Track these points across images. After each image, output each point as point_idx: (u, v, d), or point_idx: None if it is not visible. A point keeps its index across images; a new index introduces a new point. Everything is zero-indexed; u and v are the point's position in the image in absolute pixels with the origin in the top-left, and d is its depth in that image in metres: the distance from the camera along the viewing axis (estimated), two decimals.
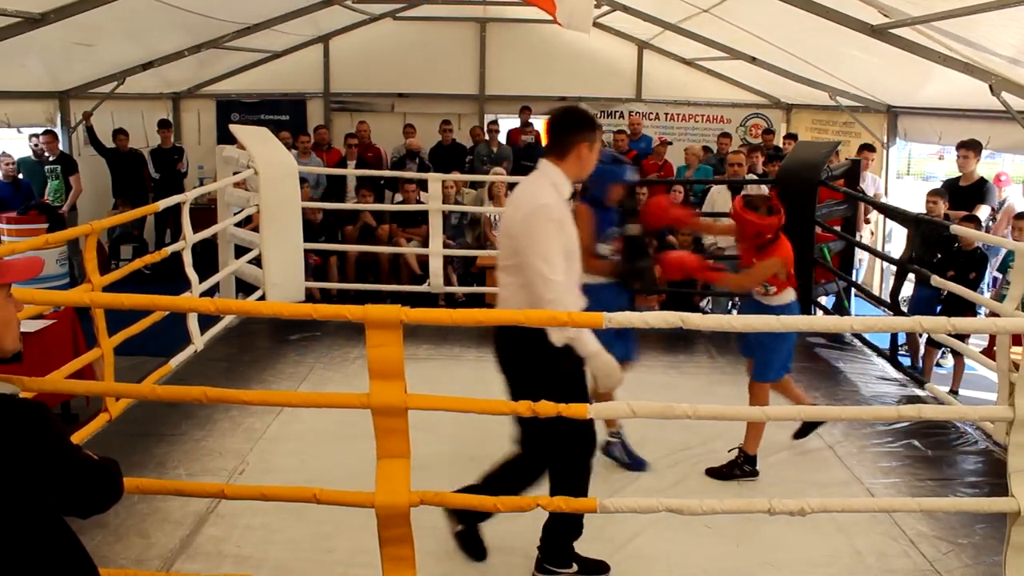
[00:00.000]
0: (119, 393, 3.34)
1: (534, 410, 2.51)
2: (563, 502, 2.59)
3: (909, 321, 2.58)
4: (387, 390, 2.44)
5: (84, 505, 1.73)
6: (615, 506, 2.62)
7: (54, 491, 1.66)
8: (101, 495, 1.74)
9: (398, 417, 2.47)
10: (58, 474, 1.64)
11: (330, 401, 2.81)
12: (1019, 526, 2.55)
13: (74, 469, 1.68)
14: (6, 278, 1.68)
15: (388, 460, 2.50)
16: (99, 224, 4.24)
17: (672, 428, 4.31)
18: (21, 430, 1.59)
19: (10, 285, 1.71)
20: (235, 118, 10.47)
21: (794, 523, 3.36)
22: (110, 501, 1.76)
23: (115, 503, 1.78)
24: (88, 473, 1.71)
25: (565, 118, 2.93)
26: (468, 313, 2.56)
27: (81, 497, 1.71)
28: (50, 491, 1.65)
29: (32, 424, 1.62)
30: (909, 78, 7.32)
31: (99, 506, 1.75)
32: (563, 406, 2.51)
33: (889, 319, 4.71)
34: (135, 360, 5.04)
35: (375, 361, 2.43)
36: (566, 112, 2.96)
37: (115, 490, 1.77)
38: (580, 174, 2.97)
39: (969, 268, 5.73)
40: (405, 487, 2.49)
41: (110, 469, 1.77)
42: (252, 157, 5.94)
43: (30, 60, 7.53)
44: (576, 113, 2.95)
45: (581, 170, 2.95)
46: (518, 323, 2.59)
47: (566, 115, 2.94)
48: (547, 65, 10.69)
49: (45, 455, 1.62)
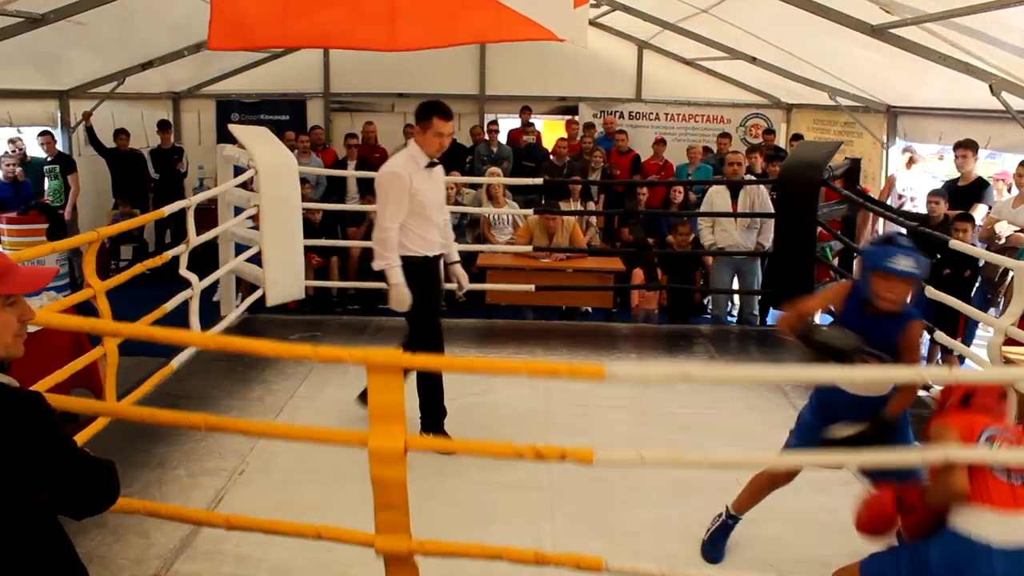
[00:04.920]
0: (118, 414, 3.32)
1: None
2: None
3: (908, 372, 2.56)
4: (387, 433, 2.42)
5: (79, 502, 1.72)
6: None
7: (48, 484, 1.65)
8: (96, 493, 1.73)
9: (396, 464, 2.43)
10: (53, 466, 1.64)
11: (327, 437, 2.78)
12: None
13: (70, 462, 1.67)
14: (7, 288, 1.67)
15: (386, 512, 2.49)
16: (106, 231, 4.27)
17: (672, 428, 4.34)
18: (17, 419, 1.59)
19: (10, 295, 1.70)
20: (235, 118, 10.46)
21: (794, 523, 3.37)
22: (105, 502, 1.75)
23: (110, 505, 1.77)
24: (84, 468, 1.70)
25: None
26: (468, 362, 2.55)
27: (76, 493, 1.70)
28: (44, 484, 1.64)
29: (28, 414, 1.61)
30: (909, 78, 7.32)
31: (94, 506, 1.74)
32: (569, 450, 2.52)
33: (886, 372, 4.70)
34: (136, 360, 5.03)
35: (376, 405, 2.43)
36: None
37: (111, 491, 1.76)
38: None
39: (964, 266, 5.82)
40: (407, 537, 2.50)
41: (107, 468, 1.76)
42: (252, 157, 5.93)
43: (30, 60, 7.53)
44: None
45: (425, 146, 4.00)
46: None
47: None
48: (547, 65, 10.68)
49: (41, 446, 1.61)
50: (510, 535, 3.22)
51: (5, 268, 1.67)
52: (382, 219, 3.95)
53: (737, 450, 4.04)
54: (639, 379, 2.63)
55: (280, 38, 5.07)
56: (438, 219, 4.16)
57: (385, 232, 3.93)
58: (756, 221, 6.79)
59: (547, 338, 5.95)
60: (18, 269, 1.71)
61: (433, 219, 4.09)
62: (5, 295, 1.68)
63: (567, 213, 7.45)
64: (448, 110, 4.04)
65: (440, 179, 4.21)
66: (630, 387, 4.95)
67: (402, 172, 3.95)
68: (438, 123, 3.95)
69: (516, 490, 3.65)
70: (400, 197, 3.93)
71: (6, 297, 1.68)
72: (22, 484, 1.60)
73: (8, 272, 1.67)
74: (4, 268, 1.67)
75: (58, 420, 1.67)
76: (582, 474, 3.74)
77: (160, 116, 10.32)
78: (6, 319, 1.69)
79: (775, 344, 5.84)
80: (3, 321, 1.68)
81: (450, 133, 4.04)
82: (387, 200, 3.95)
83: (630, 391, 4.81)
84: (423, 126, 3.99)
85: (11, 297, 1.69)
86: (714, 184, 7.21)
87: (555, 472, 3.83)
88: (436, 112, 3.96)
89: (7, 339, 1.69)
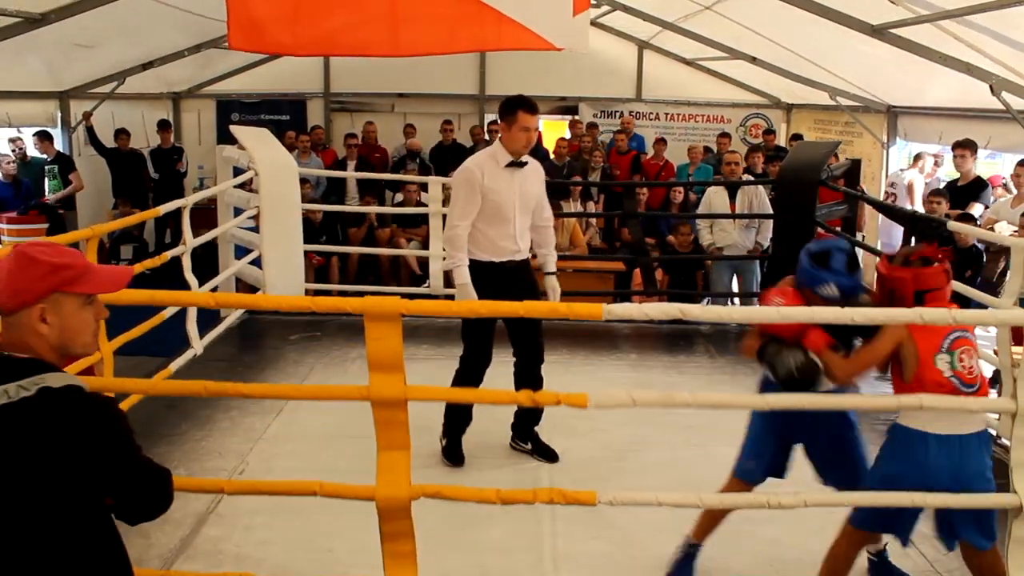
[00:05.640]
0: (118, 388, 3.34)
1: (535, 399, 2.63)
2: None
3: (910, 313, 2.58)
4: (387, 382, 2.44)
5: (138, 509, 1.73)
6: (615, 499, 2.61)
7: (113, 490, 1.66)
8: (155, 500, 1.74)
9: (398, 409, 2.47)
10: (122, 472, 1.65)
11: (330, 394, 2.81)
12: (1020, 521, 2.55)
13: (136, 470, 1.68)
14: (83, 287, 1.68)
15: (388, 452, 2.50)
16: (100, 228, 4.25)
17: (673, 428, 4.33)
18: (89, 423, 1.60)
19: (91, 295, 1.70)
20: (235, 118, 10.46)
21: (794, 523, 3.36)
22: (161, 509, 1.77)
23: (164, 512, 1.78)
24: (148, 476, 1.72)
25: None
26: (465, 304, 2.57)
27: (137, 500, 1.71)
28: (109, 490, 1.65)
29: (101, 418, 1.62)
30: (910, 78, 7.32)
31: (151, 512, 1.75)
32: (563, 395, 2.59)
33: (890, 311, 4.69)
34: (135, 361, 5.03)
35: (375, 354, 2.43)
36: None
37: (167, 497, 1.78)
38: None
39: (965, 266, 5.77)
40: (406, 479, 2.49)
41: (166, 476, 1.77)
42: (252, 158, 5.93)
43: (30, 60, 7.53)
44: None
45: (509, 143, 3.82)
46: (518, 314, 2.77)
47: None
48: (547, 65, 10.66)
49: (112, 452, 1.62)
50: (510, 535, 3.23)
51: (84, 268, 1.68)
52: (451, 217, 3.84)
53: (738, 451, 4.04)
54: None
55: (290, 46, 5.10)
56: (520, 223, 3.88)
57: (452, 230, 3.81)
58: (755, 221, 6.80)
59: (547, 338, 5.93)
60: (97, 268, 1.73)
61: (512, 222, 3.84)
62: (87, 295, 1.69)
63: (567, 214, 7.44)
64: (533, 104, 3.85)
65: (530, 180, 3.91)
66: (630, 387, 4.94)
67: (475, 169, 3.79)
68: (523, 117, 3.76)
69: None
70: (469, 195, 3.76)
71: (87, 296, 1.69)
72: (89, 488, 1.61)
73: (88, 272, 1.69)
74: (84, 268, 1.68)
75: (128, 426, 1.68)
76: (582, 475, 3.74)
77: (160, 116, 10.32)
78: (85, 318, 1.70)
79: None
80: (83, 320, 1.69)
81: (536, 128, 3.86)
82: (456, 197, 3.83)
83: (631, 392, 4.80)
84: (508, 122, 3.79)
85: (91, 297, 1.71)
86: (712, 184, 7.21)
87: (556, 472, 3.84)
88: (521, 106, 3.78)
89: (87, 338, 1.71)
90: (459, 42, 4.97)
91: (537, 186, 3.96)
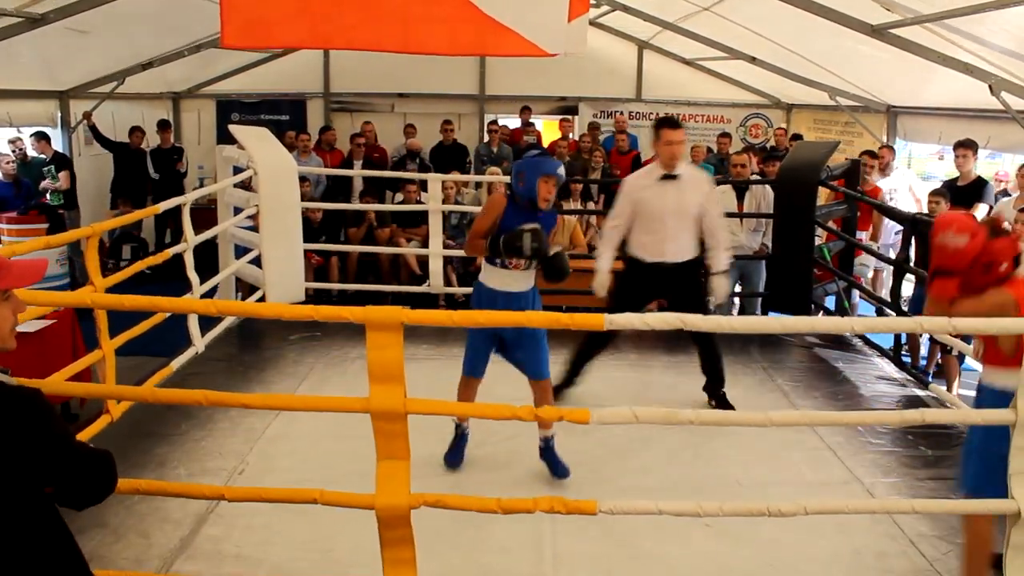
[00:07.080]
0: (120, 395, 3.34)
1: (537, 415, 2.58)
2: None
3: (910, 321, 2.59)
4: (387, 394, 2.42)
5: (80, 495, 1.73)
6: (615, 508, 2.62)
7: (50, 479, 1.66)
8: (97, 484, 1.75)
9: (398, 421, 2.46)
10: (54, 460, 1.65)
11: (329, 405, 2.80)
12: (1019, 527, 2.55)
13: (70, 456, 1.68)
14: (2, 283, 1.68)
15: (388, 462, 2.49)
16: (100, 226, 4.26)
17: (677, 430, 4.33)
18: (17, 415, 1.60)
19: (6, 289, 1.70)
20: (235, 118, 10.46)
21: (794, 523, 3.35)
22: (105, 492, 1.77)
23: (109, 494, 1.79)
24: (85, 461, 1.72)
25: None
26: (468, 314, 2.56)
27: (77, 486, 1.71)
28: (46, 479, 1.65)
29: (28, 410, 1.62)
30: (909, 78, 7.32)
31: (95, 496, 1.75)
32: (565, 411, 2.63)
33: (890, 319, 4.72)
34: (136, 360, 5.04)
35: (375, 364, 2.42)
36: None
37: (110, 480, 1.78)
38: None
39: None
40: (405, 489, 2.48)
41: (106, 458, 1.77)
42: (252, 157, 5.93)
43: (30, 60, 7.53)
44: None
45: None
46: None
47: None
48: (547, 65, 10.65)
49: (41, 441, 1.62)
50: (510, 535, 3.23)
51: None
52: (608, 218, 4.52)
53: (738, 450, 4.05)
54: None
55: (298, 39, 5.15)
56: (673, 229, 4.35)
57: (604, 229, 4.53)
58: (762, 223, 6.69)
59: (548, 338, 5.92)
60: (12, 263, 1.72)
61: (665, 227, 4.34)
62: (2, 290, 1.69)
63: (567, 213, 7.43)
64: (674, 121, 4.42)
65: (688, 191, 4.34)
66: (632, 389, 4.95)
67: (632, 181, 4.44)
68: (666, 133, 4.27)
69: (516, 489, 3.64)
70: (621, 202, 4.40)
71: (3, 292, 1.69)
72: (24, 479, 1.61)
73: (2, 267, 1.68)
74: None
75: (57, 415, 1.68)
76: (583, 474, 3.74)
77: (160, 116, 10.31)
78: (3, 314, 1.70)
79: (776, 345, 5.84)
80: (0, 316, 1.69)
81: (680, 141, 4.30)
82: (614, 202, 4.50)
83: (632, 393, 4.81)
84: (656, 140, 4.33)
85: (6, 292, 1.70)
86: (719, 185, 7.17)
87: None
88: (663, 125, 4.34)
89: (3, 333, 1.71)
90: (460, 46, 5.08)
91: (697, 196, 4.38)
